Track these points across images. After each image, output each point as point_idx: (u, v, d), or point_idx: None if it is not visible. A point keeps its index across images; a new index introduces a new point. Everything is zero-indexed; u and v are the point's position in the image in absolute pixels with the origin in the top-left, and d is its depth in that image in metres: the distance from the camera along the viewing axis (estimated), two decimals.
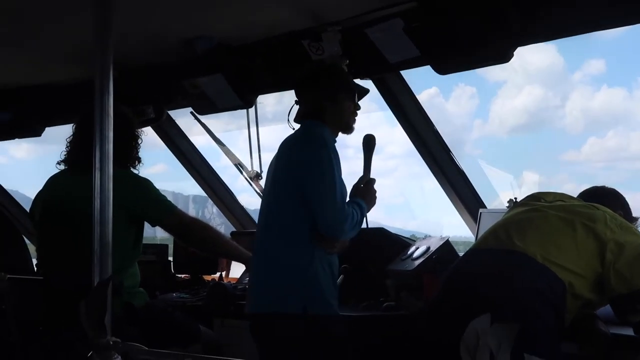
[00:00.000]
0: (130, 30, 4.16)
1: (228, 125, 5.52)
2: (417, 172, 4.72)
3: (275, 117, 3.51)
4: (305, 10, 4.04)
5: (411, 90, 4.54)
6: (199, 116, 5.31)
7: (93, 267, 2.13)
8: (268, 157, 3.61)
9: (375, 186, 3.53)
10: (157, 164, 5.98)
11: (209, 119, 5.39)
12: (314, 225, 3.29)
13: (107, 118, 2.12)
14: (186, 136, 5.85)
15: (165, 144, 5.75)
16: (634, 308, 2.89)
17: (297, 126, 3.55)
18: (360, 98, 3.59)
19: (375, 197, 3.51)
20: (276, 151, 3.55)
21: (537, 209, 3.14)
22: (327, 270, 3.35)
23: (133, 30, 4.24)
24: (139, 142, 4.01)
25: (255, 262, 3.47)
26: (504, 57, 3.67)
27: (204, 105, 4.99)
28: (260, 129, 5.19)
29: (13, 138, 6.30)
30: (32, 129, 6.03)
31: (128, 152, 3.93)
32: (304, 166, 3.29)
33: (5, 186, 7.08)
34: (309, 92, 3.50)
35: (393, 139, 4.67)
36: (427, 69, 3.96)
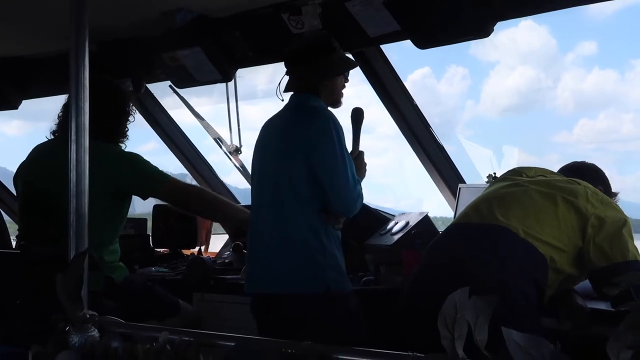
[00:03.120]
0: (108, 2, 4.12)
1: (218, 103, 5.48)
2: (409, 153, 4.73)
3: (267, 94, 3.48)
4: None
5: (391, 65, 4.52)
6: (177, 90, 5.28)
7: (69, 240, 2.12)
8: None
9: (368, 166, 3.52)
10: (149, 142, 5.95)
11: (200, 97, 5.37)
12: (324, 203, 3.29)
13: (83, 90, 2.10)
14: (165, 110, 5.82)
15: (144, 117, 5.71)
16: (611, 281, 2.91)
17: (286, 97, 3.52)
18: (347, 71, 3.58)
19: (365, 170, 3.50)
20: (268, 123, 3.53)
21: (518, 184, 3.15)
22: (339, 247, 3.36)
23: (111, 1, 4.19)
24: (130, 119, 3.98)
25: (262, 241, 3.39)
26: (484, 31, 3.66)
27: (183, 79, 4.95)
28: (250, 107, 5.17)
29: None
30: (8, 102, 5.97)
31: (117, 127, 3.90)
32: (316, 145, 3.25)
33: None
34: (305, 67, 3.44)
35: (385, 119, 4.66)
36: (419, 50, 3.94)
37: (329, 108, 3.45)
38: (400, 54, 4.39)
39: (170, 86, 5.27)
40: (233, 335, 1.85)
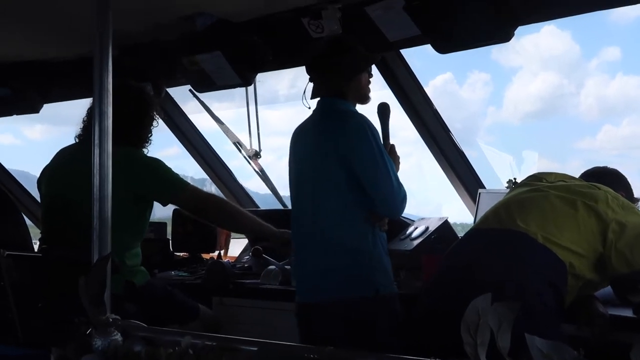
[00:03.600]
0: (129, 6, 4.13)
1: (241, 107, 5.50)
2: (429, 158, 4.73)
3: (289, 99, 3.48)
4: None
5: (411, 70, 4.52)
6: (197, 94, 5.30)
7: (92, 244, 2.13)
8: (286, 140, 3.56)
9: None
10: (172, 146, 5.96)
11: (222, 101, 5.36)
12: (370, 206, 3.29)
13: (107, 95, 2.11)
14: (185, 114, 5.84)
15: (164, 122, 5.72)
16: (635, 288, 2.89)
17: (312, 104, 3.53)
18: (369, 67, 3.57)
19: (399, 162, 3.50)
20: (299, 130, 3.54)
21: (538, 189, 3.14)
22: (385, 249, 3.37)
23: (132, 6, 4.21)
24: (154, 124, 3.99)
25: (308, 249, 3.41)
26: (505, 36, 3.66)
27: (203, 83, 4.96)
28: (271, 112, 5.19)
29: (11, 114, 6.26)
30: (30, 105, 5.99)
31: (141, 132, 3.92)
32: (354, 150, 3.26)
33: (17, 168, 7.04)
34: (327, 71, 3.44)
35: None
36: (441, 55, 3.94)
37: (358, 105, 3.46)
38: (422, 59, 4.40)
39: (190, 90, 5.29)
40: (255, 340, 1.85)
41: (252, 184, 5.99)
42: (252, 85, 5.15)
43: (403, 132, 4.61)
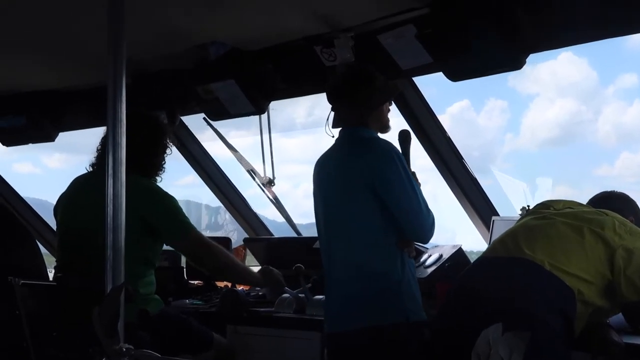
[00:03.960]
0: (143, 35, 4.17)
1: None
2: (443, 185, 4.74)
3: (306, 127, 3.50)
4: (318, 16, 4.04)
5: (423, 96, 4.53)
6: (211, 122, 5.33)
7: (105, 273, 2.14)
8: (303, 168, 3.59)
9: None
10: (187, 175, 5.99)
11: (240, 129, 5.38)
12: (398, 232, 3.30)
13: (120, 125, 2.13)
14: (199, 142, 5.86)
15: (178, 149, 5.75)
16: None
17: (335, 132, 3.55)
18: (392, 97, 3.63)
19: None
20: (323, 159, 3.56)
21: (545, 217, 3.14)
22: (414, 275, 3.38)
23: (146, 35, 4.25)
24: (167, 153, 4.02)
25: (337, 278, 3.40)
26: (517, 64, 3.67)
27: (217, 111, 4.99)
28: (288, 140, 5.21)
29: (27, 143, 6.31)
30: (45, 134, 6.03)
31: (154, 160, 3.94)
32: (382, 177, 3.27)
33: (34, 196, 7.09)
34: (351, 100, 3.45)
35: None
36: (459, 83, 3.95)
37: (380, 134, 3.48)
38: (438, 86, 4.42)
39: (204, 119, 5.31)
40: None
41: (270, 212, 5.99)
42: (266, 113, 5.15)
43: (419, 161, 4.63)
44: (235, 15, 4.09)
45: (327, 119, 3.59)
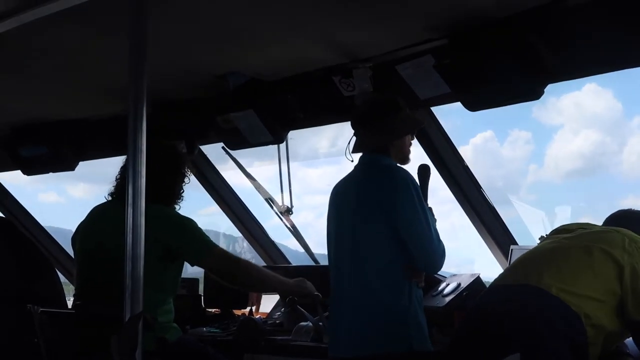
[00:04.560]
0: (163, 65, 4.22)
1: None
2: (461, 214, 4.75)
3: (329, 156, 3.53)
4: (337, 47, 4.07)
5: (440, 125, 4.54)
6: (230, 151, 5.35)
7: (124, 302, 2.16)
8: (326, 198, 3.62)
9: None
10: (211, 205, 6.00)
11: (263, 159, 5.41)
12: (408, 261, 3.31)
13: (140, 155, 2.15)
14: (218, 171, 5.89)
15: (197, 179, 5.78)
16: None
17: (355, 157, 3.58)
18: (416, 130, 3.67)
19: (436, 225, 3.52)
20: (341, 184, 3.58)
21: (556, 241, 3.14)
22: (421, 305, 3.39)
23: (166, 65, 4.29)
24: (186, 182, 4.05)
25: (345, 303, 3.41)
26: (535, 94, 3.67)
27: (236, 141, 5.02)
28: (312, 169, 5.24)
29: (47, 172, 6.35)
30: (66, 163, 6.08)
31: (173, 189, 3.96)
32: (396, 205, 3.30)
33: (59, 225, 7.14)
34: (374, 127, 3.50)
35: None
36: (483, 112, 3.96)
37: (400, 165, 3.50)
38: (462, 117, 4.43)
39: (222, 148, 5.34)
40: None
41: (292, 242, 5.98)
42: (285, 142, 5.18)
43: (440, 192, 4.64)
44: (254, 46, 4.12)
45: (349, 144, 3.61)
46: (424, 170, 3.60)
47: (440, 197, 4.75)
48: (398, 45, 3.97)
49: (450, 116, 4.47)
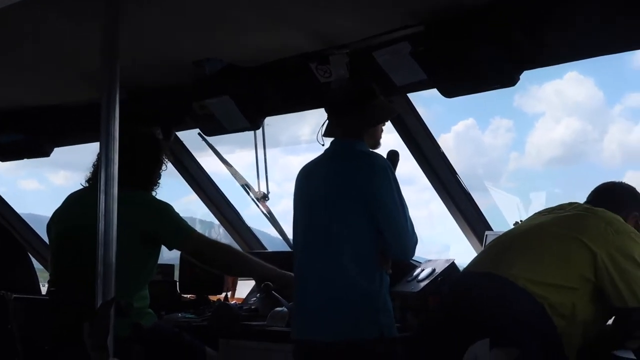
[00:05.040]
0: (139, 52, 4.20)
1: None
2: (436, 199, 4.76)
3: (311, 143, 3.51)
4: (314, 33, 4.07)
5: (417, 112, 4.55)
6: (207, 138, 5.34)
7: (96, 289, 2.15)
8: None
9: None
10: (188, 194, 5.99)
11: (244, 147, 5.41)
12: (381, 247, 3.31)
13: (113, 141, 2.14)
14: (194, 157, 5.87)
15: (173, 165, 5.76)
16: (632, 335, 2.86)
17: (326, 142, 3.55)
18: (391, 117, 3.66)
19: None
20: (309, 169, 3.56)
21: (530, 225, 3.13)
22: (388, 292, 3.38)
23: (142, 52, 4.27)
24: (163, 168, 4.04)
25: (313, 288, 3.39)
26: (510, 81, 3.69)
27: (212, 127, 5.01)
28: (294, 157, 5.21)
29: (22, 158, 6.33)
30: (41, 150, 6.06)
31: (150, 175, 3.96)
32: (375, 193, 3.28)
33: (38, 213, 7.11)
34: (352, 115, 3.47)
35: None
36: (465, 100, 3.98)
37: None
38: (444, 105, 4.43)
39: (199, 134, 5.33)
40: None
41: (274, 229, 5.96)
42: (261, 128, 5.17)
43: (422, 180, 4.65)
44: (231, 33, 4.11)
45: (321, 127, 3.59)
46: (393, 156, 3.58)
47: (421, 184, 4.76)
48: (375, 32, 3.97)
49: (432, 104, 4.48)
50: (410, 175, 4.28)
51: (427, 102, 4.51)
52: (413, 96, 4.46)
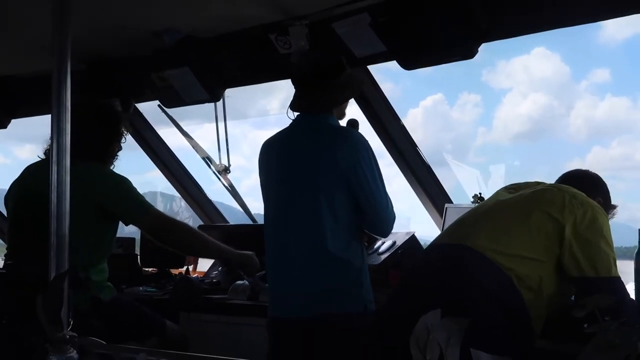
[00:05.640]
0: (97, 21, 4.15)
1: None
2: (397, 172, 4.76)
3: (280, 119, 3.46)
4: (273, 4, 4.04)
5: (377, 85, 4.55)
6: (166, 109, 5.31)
7: (50, 261, 2.13)
8: None
9: None
10: (154, 169, 5.94)
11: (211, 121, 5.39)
12: (360, 223, 3.29)
13: (65, 111, 2.11)
14: (154, 129, 5.84)
15: (133, 137, 5.72)
16: (578, 303, 2.88)
17: (293, 116, 3.46)
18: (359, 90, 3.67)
19: None
20: (275, 142, 3.50)
21: (498, 200, 3.14)
22: (368, 266, 3.36)
23: (100, 21, 4.22)
24: (121, 140, 3.99)
25: (292, 264, 3.32)
26: (469, 53, 3.70)
27: (172, 99, 4.97)
28: (263, 132, 5.18)
29: None
30: None
31: (107, 148, 3.90)
32: (354, 168, 3.22)
33: (4, 187, 7.02)
34: (320, 88, 3.37)
35: None
36: (433, 76, 3.97)
37: None
38: (413, 79, 4.43)
39: (159, 106, 5.29)
40: (213, 357, 1.85)
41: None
42: (221, 100, 5.14)
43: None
44: (191, 2, 4.07)
45: (291, 102, 3.50)
46: (353, 125, 3.54)
47: (389, 159, 4.77)
48: (335, 2, 3.95)
49: (401, 79, 4.47)
50: (378, 150, 4.28)
51: (395, 78, 4.50)
52: (382, 71, 4.46)
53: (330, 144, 3.29)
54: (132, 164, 4.00)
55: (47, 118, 5.60)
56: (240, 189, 5.60)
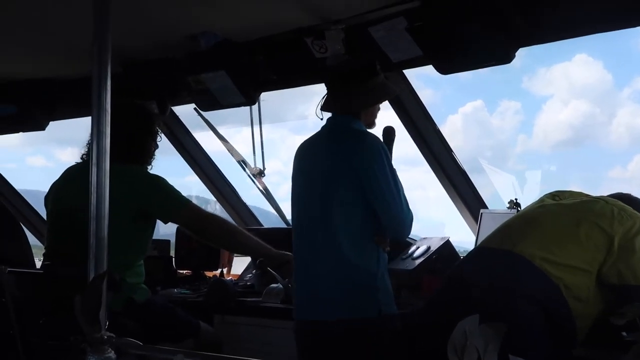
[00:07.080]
0: (135, 25, 4.18)
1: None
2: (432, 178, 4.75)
3: (316, 128, 3.48)
4: (310, 8, 4.05)
5: (413, 89, 4.54)
6: (202, 113, 5.33)
7: (89, 262, 2.15)
8: None
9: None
10: (189, 174, 5.98)
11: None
12: (377, 226, 3.29)
13: (105, 114, 2.13)
14: (190, 132, 5.86)
15: (169, 139, 5.76)
16: (618, 311, 2.85)
17: (325, 116, 3.51)
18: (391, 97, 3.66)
19: None
20: (307, 145, 3.53)
21: (545, 206, 3.12)
22: (387, 269, 3.36)
23: (138, 25, 4.26)
24: (156, 139, 4.02)
25: (313, 267, 3.37)
26: (506, 58, 3.68)
27: (208, 102, 4.99)
28: (299, 137, 5.17)
29: (17, 132, 6.32)
30: (36, 123, 6.04)
31: (143, 149, 3.94)
32: (369, 171, 3.25)
33: (44, 189, 7.13)
34: (349, 90, 3.40)
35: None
36: (473, 82, 3.95)
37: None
38: (452, 86, 4.43)
39: (194, 109, 5.32)
40: (249, 359, 1.86)
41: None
42: (257, 104, 5.16)
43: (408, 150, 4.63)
44: (227, 6, 4.10)
45: (321, 100, 3.51)
46: (389, 133, 3.55)
47: (410, 158, 4.75)
48: (371, 7, 3.96)
49: (441, 85, 4.47)
50: (416, 156, 4.27)
51: (435, 84, 4.50)
52: (421, 78, 4.44)
53: (347, 148, 3.33)
54: (168, 169, 4.03)
55: (85, 121, 5.69)
56: (278, 194, 5.61)
